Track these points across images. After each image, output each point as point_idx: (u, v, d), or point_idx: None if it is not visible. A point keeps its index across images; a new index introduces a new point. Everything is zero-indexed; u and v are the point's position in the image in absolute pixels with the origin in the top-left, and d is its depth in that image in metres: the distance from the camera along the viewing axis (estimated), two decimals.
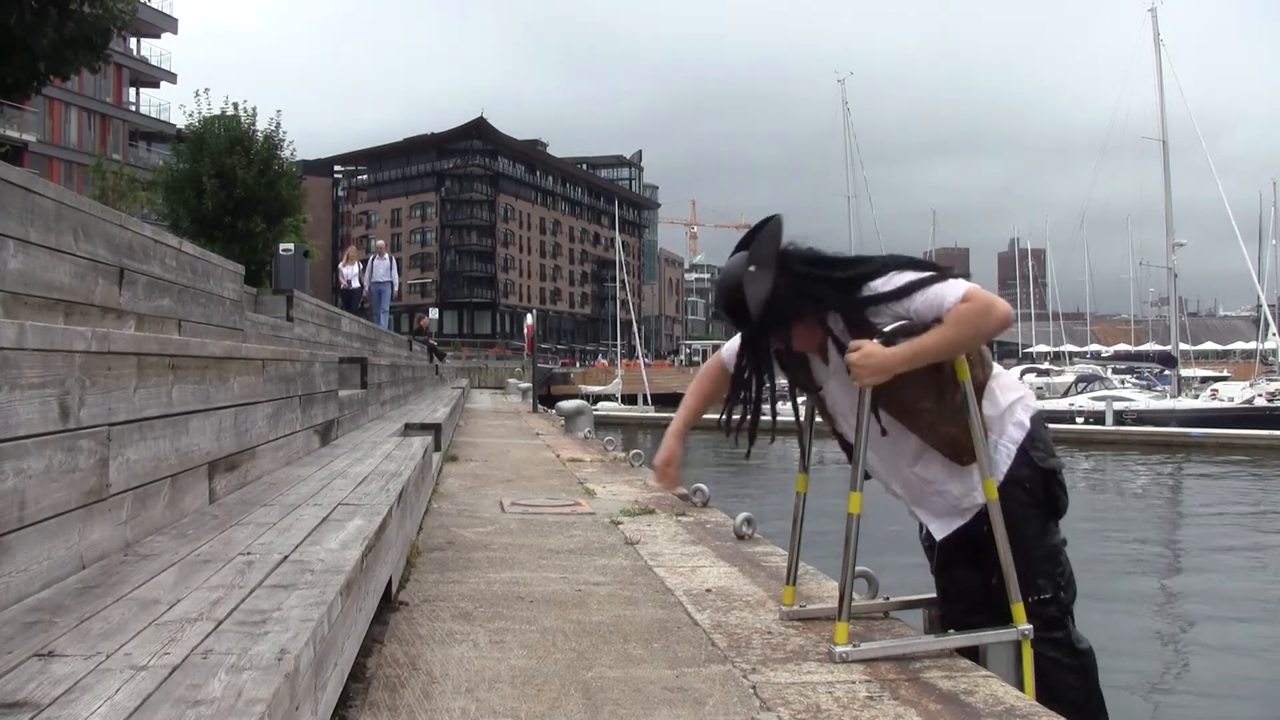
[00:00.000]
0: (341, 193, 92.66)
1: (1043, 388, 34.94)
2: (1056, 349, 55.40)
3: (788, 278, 2.34)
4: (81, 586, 1.73)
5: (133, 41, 42.59)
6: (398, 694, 2.01)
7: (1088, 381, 32.55)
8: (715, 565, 3.47)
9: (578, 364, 70.21)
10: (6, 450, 1.57)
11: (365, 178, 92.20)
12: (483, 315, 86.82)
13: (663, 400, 40.22)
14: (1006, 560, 2.40)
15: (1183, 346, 36.07)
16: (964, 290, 2.28)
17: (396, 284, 17.65)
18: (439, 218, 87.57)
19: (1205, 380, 38.77)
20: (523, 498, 5.28)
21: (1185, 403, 29.55)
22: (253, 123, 20.16)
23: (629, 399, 43.79)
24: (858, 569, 2.51)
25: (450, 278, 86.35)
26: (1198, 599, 9.33)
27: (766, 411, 2.59)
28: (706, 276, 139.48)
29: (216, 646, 1.38)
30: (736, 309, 2.36)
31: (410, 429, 5.55)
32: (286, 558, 1.98)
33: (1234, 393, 31.21)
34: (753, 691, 2.07)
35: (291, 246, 14.74)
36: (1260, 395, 29.12)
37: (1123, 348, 45.80)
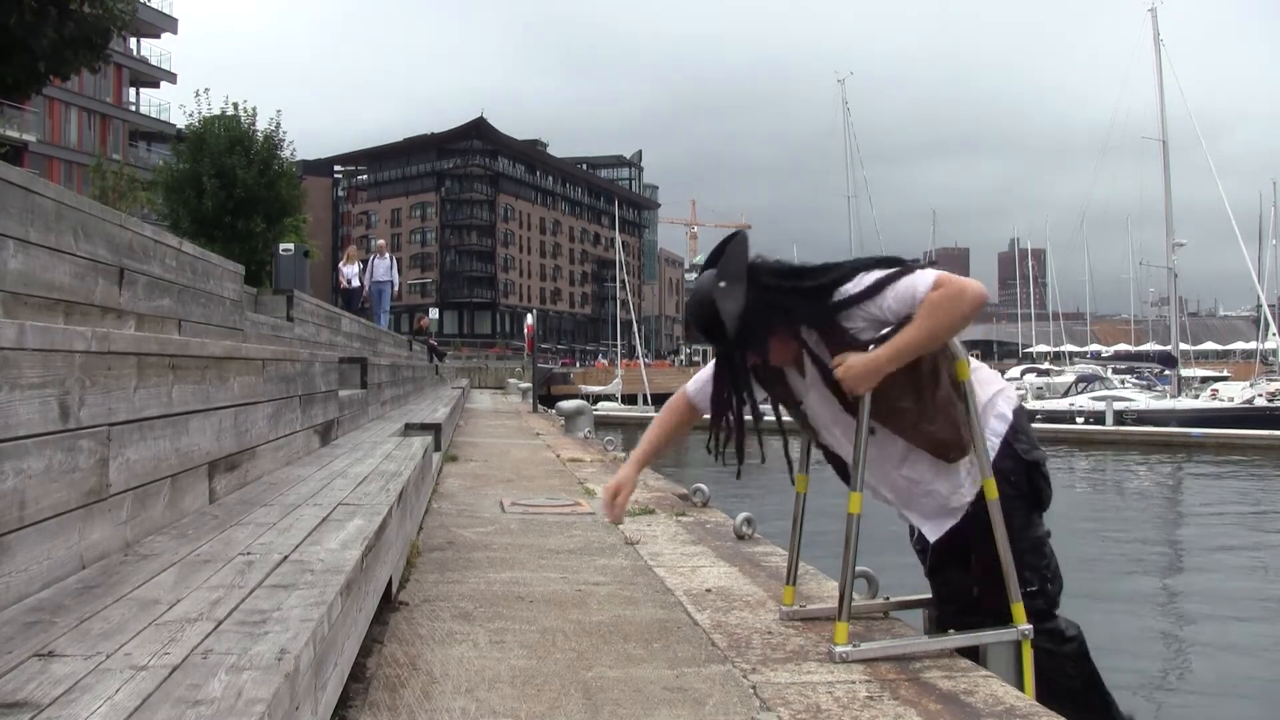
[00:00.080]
0: (341, 193, 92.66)
1: (1043, 388, 35.00)
2: (1056, 349, 55.40)
3: (758, 290, 2.34)
4: (81, 586, 1.73)
5: (133, 41, 42.58)
6: (398, 694, 2.01)
7: (1088, 381, 32.55)
8: (715, 565, 3.47)
9: (578, 364, 70.22)
10: (6, 450, 1.57)
11: (365, 178, 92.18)
12: (483, 315, 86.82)
13: (663, 400, 40.11)
14: (1007, 560, 2.40)
15: (1183, 346, 36.05)
16: (933, 278, 2.27)
17: (397, 283, 17.64)
18: (439, 218, 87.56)
19: (1205, 380, 38.76)
20: (523, 498, 5.28)
21: (1185, 403, 29.54)
22: (253, 123, 20.15)
23: (629, 399, 43.80)
24: (858, 569, 2.52)
25: (450, 278, 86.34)
26: (1198, 598, 9.34)
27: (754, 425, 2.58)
28: None
29: (216, 646, 1.38)
30: (711, 326, 2.36)
31: (410, 429, 5.55)
32: (286, 558, 1.98)
33: (1234, 393, 31.19)
34: (753, 691, 2.07)
35: (291, 246, 14.72)
36: (1260, 395, 29.11)
37: (1123, 348, 45.77)
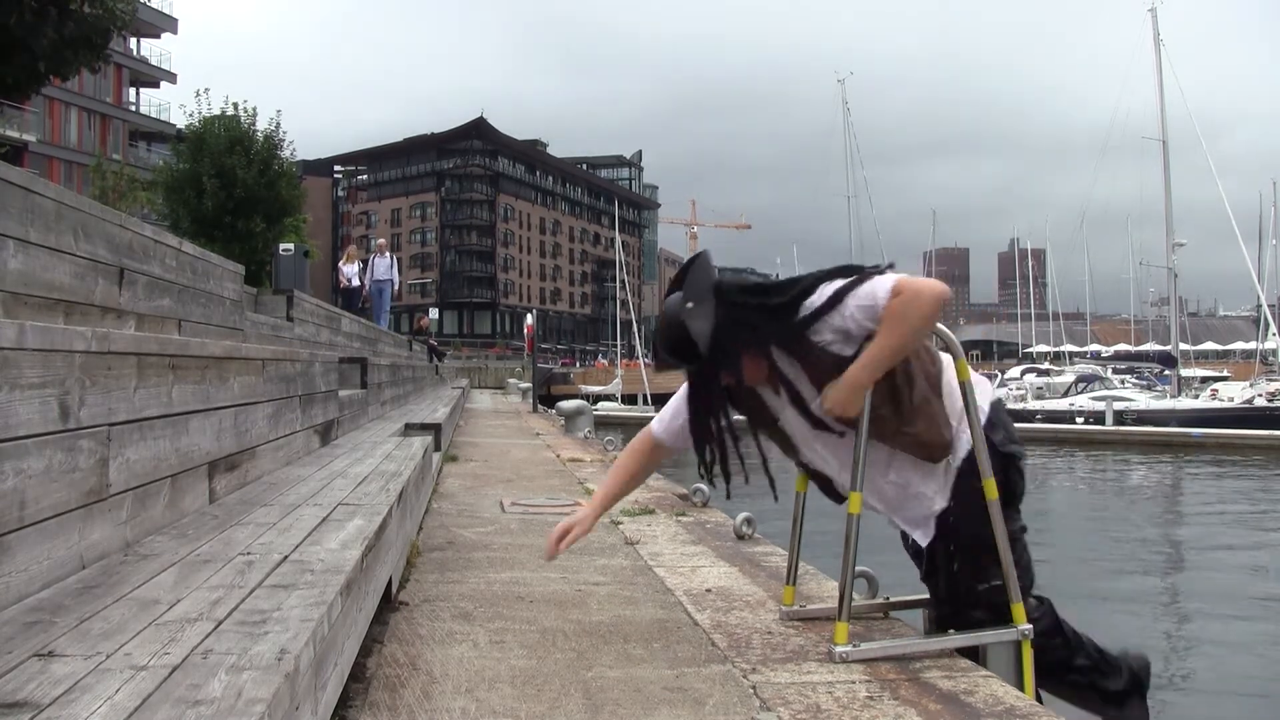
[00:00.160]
0: (341, 193, 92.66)
1: (1043, 388, 35.00)
2: (1056, 349, 55.35)
3: (726, 307, 2.32)
4: (81, 586, 1.73)
5: (133, 41, 42.58)
6: (398, 694, 2.01)
7: (1088, 381, 32.55)
8: (715, 565, 3.47)
9: (578, 364, 70.21)
10: (6, 450, 1.57)
11: (365, 178, 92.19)
12: (483, 315, 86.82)
13: (663, 400, 40.00)
14: (1007, 560, 2.40)
15: (1183, 346, 36.07)
16: (891, 284, 2.25)
17: (397, 283, 17.64)
18: (439, 218, 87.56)
19: (1205, 380, 38.77)
20: (523, 498, 5.28)
21: (1185, 403, 29.54)
22: (253, 123, 20.14)
23: (629, 399, 43.79)
24: (858, 569, 2.52)
25: (450, 278, 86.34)
26: (1198, 598, 9.34)
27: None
28: None
29: (216, 646, 1.38)
30: (681, 346, 2.33)
31: (410, 429, 5.55)
32: (286, 558, 1.98)
33: (1234, 393, 31.20)
34: (753, 691, 2.07)
35: (291, 246, 14.71)
36: (1260, 395, 29.12)
37: (1123, 348, 45.76)
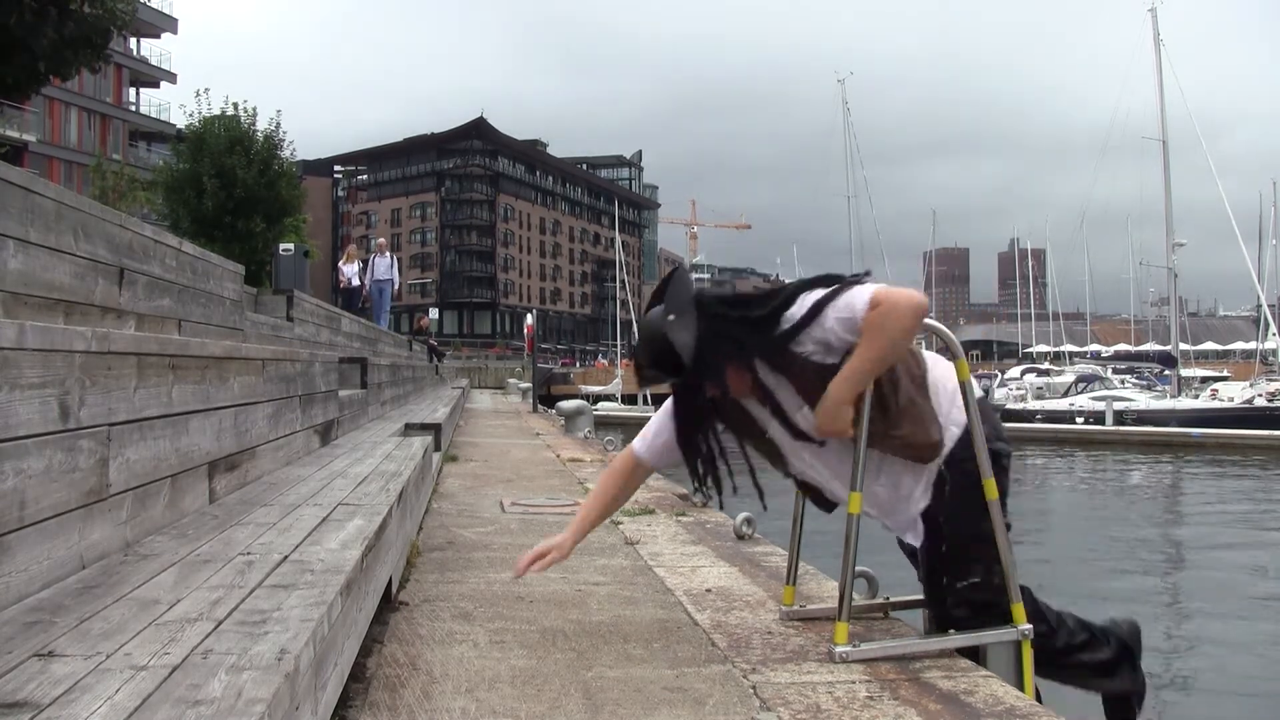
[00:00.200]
0: (341, 193, 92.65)
1: (1043, 388, 35.00)
2: (1056, 349, 55.36)
3: (707, 319, 2.32)
4: (81, 586, 1.73)
5: (133, 41, 42.58)
6: (398, 694, 2.01)
7: (1088, 381, 32.55)
8: (715, 565, 3.47)
9: (578, 364, 70.21)
10: (6, 450, 1.57)
11: (365, 178, 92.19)
12: (483, 315, 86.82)
13: (662, 401, 40.07)
14: (1008, 561, 2.40)
15: (1183, 346, 36.06)
16: (869, 296, 2.24)
17: (397, 282, 17.64)
18: (439, 218, 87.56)
19: (1205, 380, 38.76)
20: (523, 498, 5.28)
21: (1185, 403, 29.53)
22: (253, 123, 20.14)
23: (629, 399, 43.74)
24: (858, 569, 2.51)
25: (450, 278, 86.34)
26: (1198, 597, 9.34)
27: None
28: (707, 277, 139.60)
29: (216, 646, 1.38)
30: (665, 359, 2.32)
31: (410, 429, 5.55)
32: (286, 558, 1.98)
33: (1234, 393, 31.19)
34: (753, 691, 2.07)
35: (291, 246, 14.72)
36: (1260, 395, 29.11)
37: (1123, 348, 45.78)
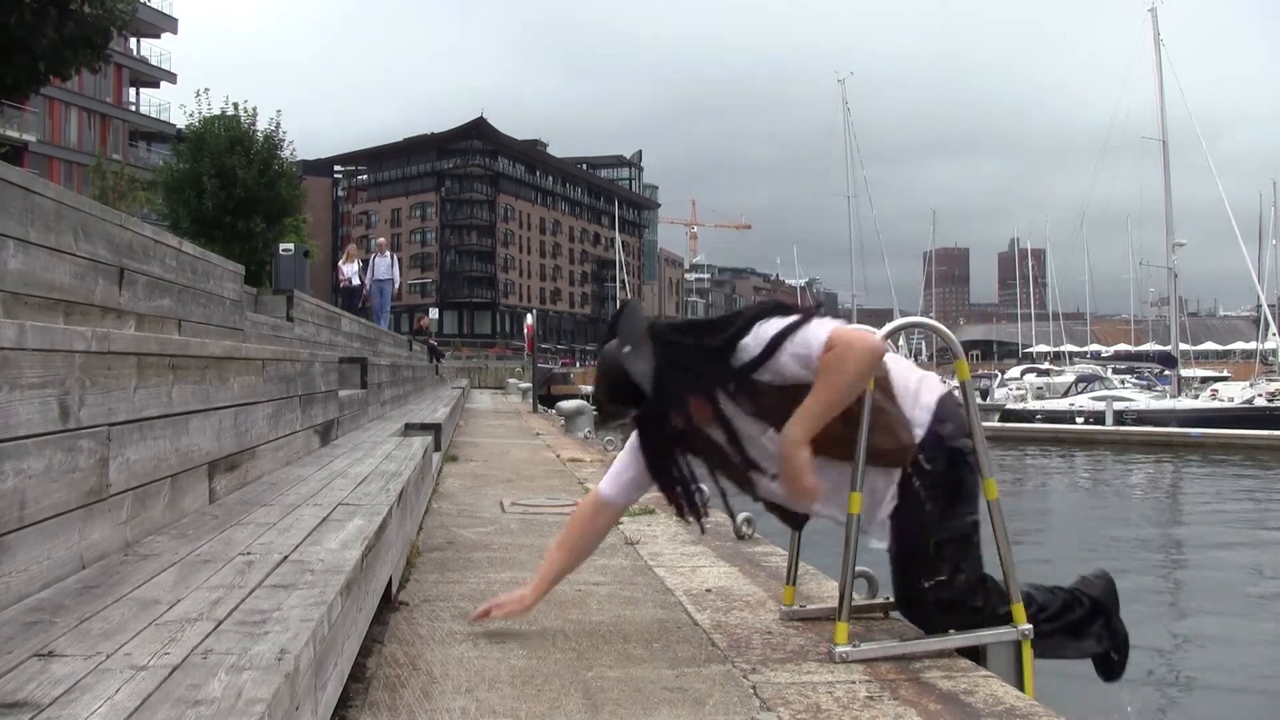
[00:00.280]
0: (341, 193, 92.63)
1: (1043, 388, 35.00)
2: (1056, 349, 55.38)
3: (663, 347, 2.30)
4: (81, 586, 1.73)
5: (133, 41, 42.59)
6: (398, 694, 2.01)
7: (1088, 381, 32.54)
8: (715, 565, 3.47)
9: (578, 364, 70.19)
10: (6, 450, 1.57)
11: (365, 178, 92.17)
12: (483, 315, 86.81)
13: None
14: (1008, 561, 2.40)
15: (1183, 346, 36.07)
16: (826, 336, 2.23)
17: (398, 282, 17.65)
18: (439, 218, 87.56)
19: (1205, 380, 38.75)
20: (523, 498, 5.28)
21: (1185, 403, 29.52)
22: (253, 123, 20.16)
23: None
24: (858, 569, 2.51)
25: (450, 278, 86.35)
26: (1198, 596, 9.35)
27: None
28: (707, 277, 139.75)
29: (216, 646, 1.38)
30: (624, 391, 2.30)
31: (410, 429, 5.55)
32: (286, 558, 1.98)
33: (1234, 393, 31.17)
34: (753, 691, 2.07)
35: (291, 246, 14.73)
36: (1260, 395, 29.09)
37: (1123, 348, 45.78)
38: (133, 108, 45.95)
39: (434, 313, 51.33)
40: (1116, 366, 37.59)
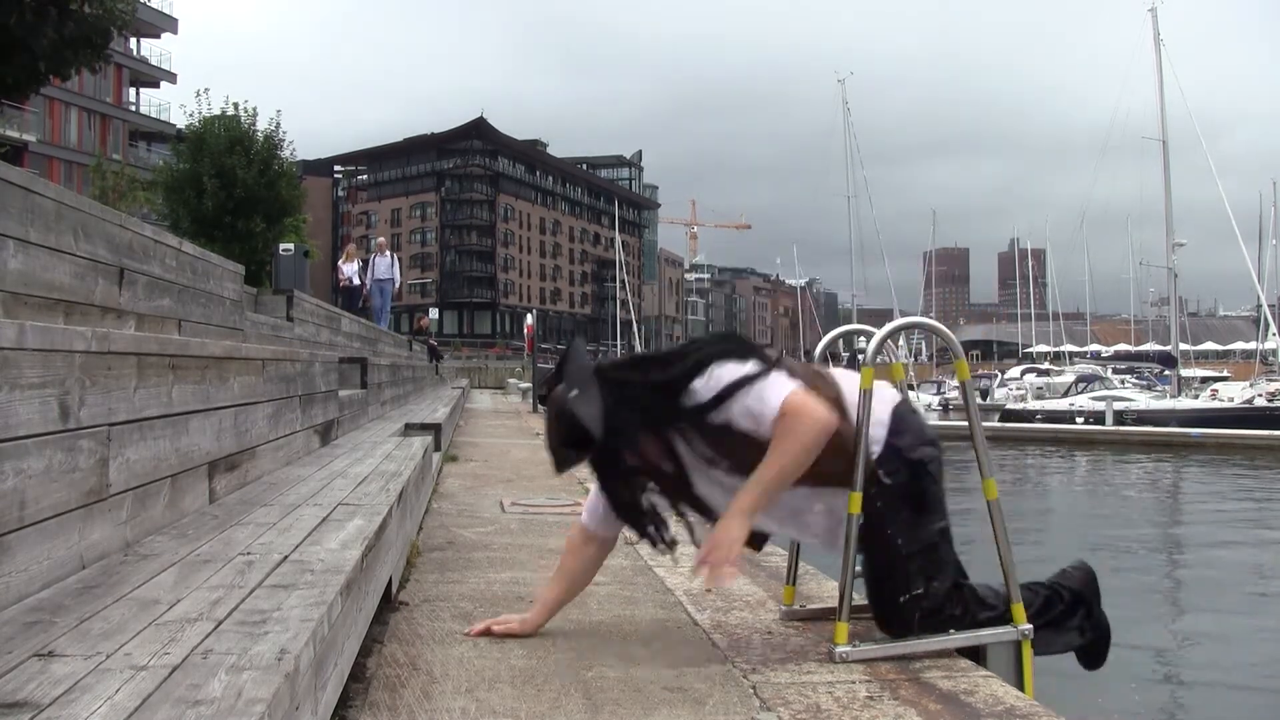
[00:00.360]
0: (341, 193, 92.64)
1: (1043, 388, 35.01)
2: (1056, 349, 55.36)
3: (611, 387, 2.26)
4: (81, 586, 1.73)
5: (133, 41, 42.59)
6: (398, 694, 2.01)
7: (1088, 381, 32.55)
8: None
9: None
10: (6, 450, 1.57)
11: (365, 178, 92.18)
12: (483, 315, 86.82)
13: None
14: (1008, 561, 2.40)
15: (1183, 346, 36.06)
16: (780, 401, 2.17)
17: (398, 282, 17.64)
18: (439, 218, 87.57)
19: (1205, 380, 38.74)
20: (523, 498, 5.28)
21: (1185, 403, 29.53)
22: (253, 123, 20.16)
23: None
24: (858, 569, 2.51)
25: (450, 278, 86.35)
26: (1198, 596, 9.35)
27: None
28: (707, 277, 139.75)
29: (216, 646, 1.38)
30: (575, 436, 2.26)
31: (410, 429, 5.55)
32: (286, 558, 1.98)
33: (1234, 393, 31.18)
34: (753, 691, 2.07)
35: (291, 246, 14.73)
36: (1260, 395, 29.10)
37: (1123, 348, 45.80)
38: (133, 108, 45.96)
39: (434, 313, 51.34)
40: (1116, 366, 37.61)
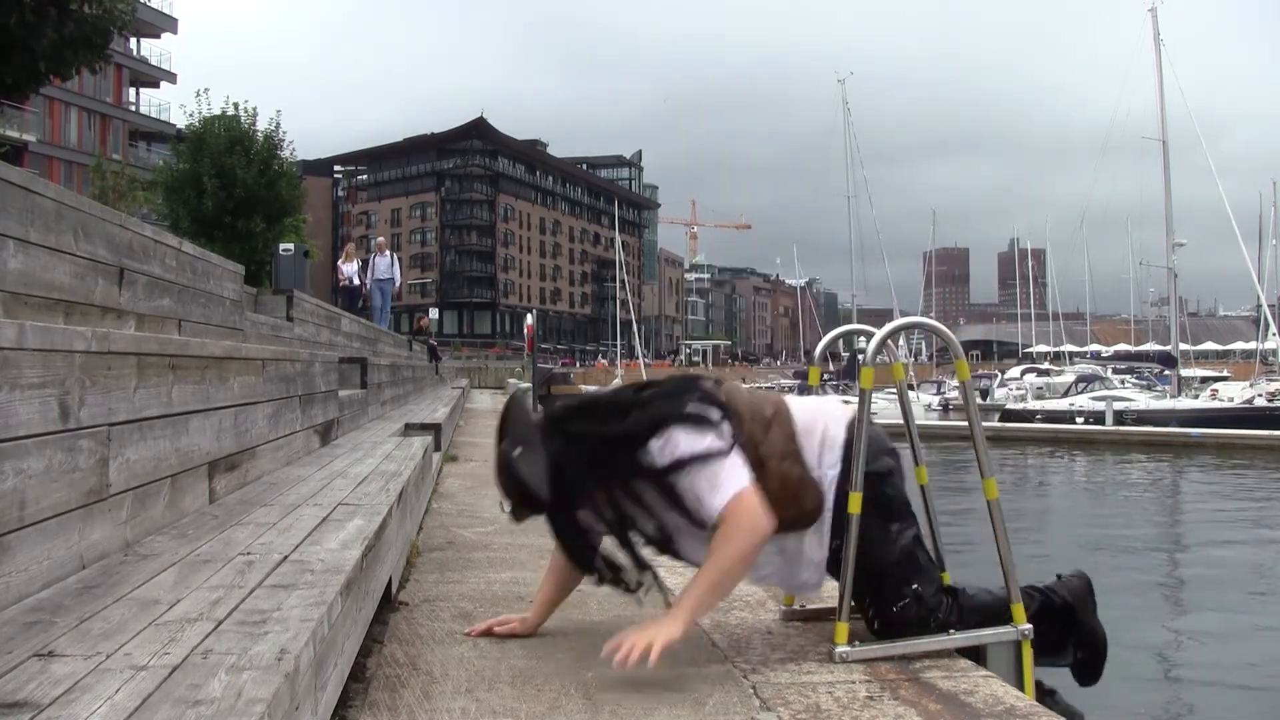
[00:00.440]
0: (341, 193, 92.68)
1: (1043, 388, 35.00)
2: (1056, 349, 55.43)
3: (558, 440, 2.21)
4: (81, 586, 1.73)
5: (133, 41, 42.58)
6: (398, 694, 2.01)
7: (1088, 381, 32.53)
8: None
9: (578, 364, 70.25)
10: (6, 450, 1.57)
11: (365, 178, 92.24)
12: (483, 315, 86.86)
13: None
14: (1008, 561, 2.40)
15: (1183, 346, 36.06)
16: (726, 500, 2.11)
17: (398, 281, 17.64)
18: (439, 218, 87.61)
19: (1205, 380, 38.75)
20: None
21: (1185, 403, 29.51)
22: (253, 123, 20.17)
23: None
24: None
25: (450, 278, 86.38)
26: (1198, 595, 9.36)
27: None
28: (707, 277, 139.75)
29: (216, 646, 1.38)
30: (524, 496, 2.21)
31: (410, 429, 5.55)
32: (286, 558, 1.98)
33: (1234, 393, 31.18)
34: (753, 691, 2.07)
35: (291, 246, 14.74)
36: (1260, 395, 29.10)
37: (1123, 348, 45.80)
38: (133, 108, 45.96)
39: (434, 313, 51.31)
40: (1116, 366, 37.60)
